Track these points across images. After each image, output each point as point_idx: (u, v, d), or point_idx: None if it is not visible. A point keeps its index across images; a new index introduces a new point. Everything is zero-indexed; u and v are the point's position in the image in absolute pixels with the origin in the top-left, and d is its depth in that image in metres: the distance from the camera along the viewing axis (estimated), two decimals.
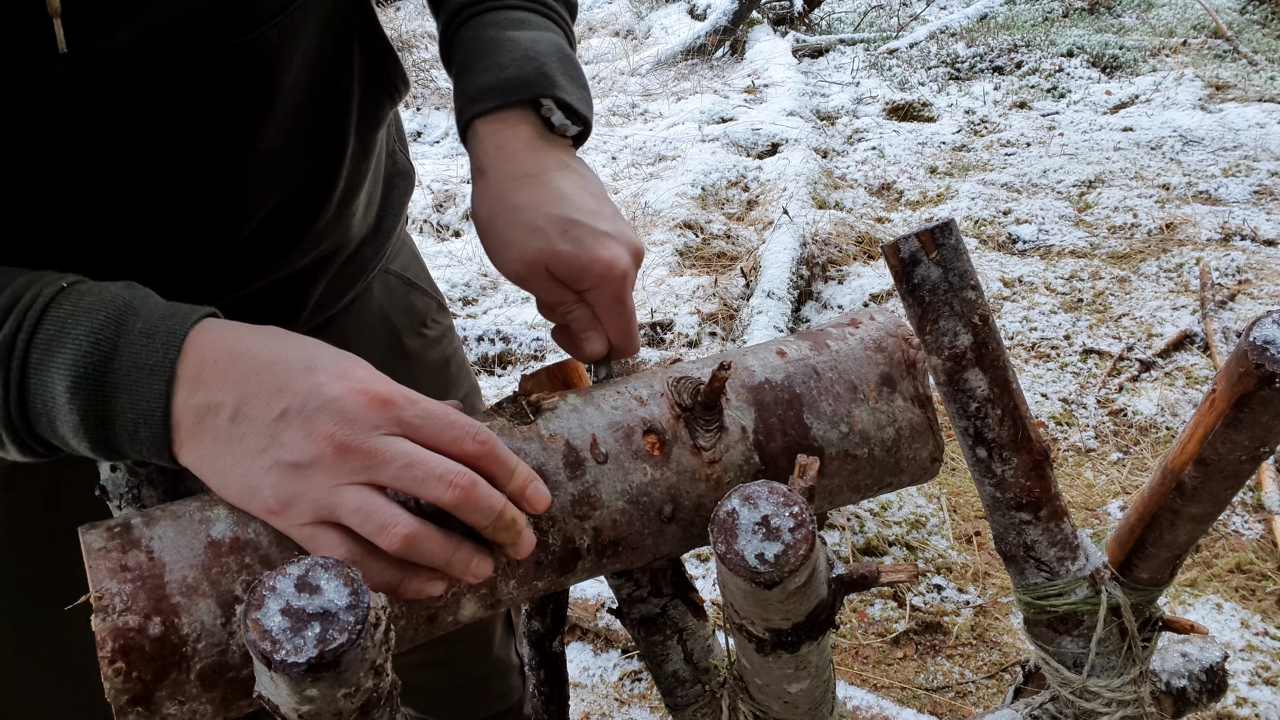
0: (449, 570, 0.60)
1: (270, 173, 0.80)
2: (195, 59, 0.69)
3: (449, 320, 1.18)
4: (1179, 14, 6.73)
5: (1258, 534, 2.36)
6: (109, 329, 0.59)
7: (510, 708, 1.35)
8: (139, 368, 0.58)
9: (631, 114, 5.81)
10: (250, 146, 0.77)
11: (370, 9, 0.86)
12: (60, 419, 0.59)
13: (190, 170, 0.74)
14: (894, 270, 0.86)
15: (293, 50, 0.76)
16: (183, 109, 0.70)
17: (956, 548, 2.39)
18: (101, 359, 0.58)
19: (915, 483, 0.80)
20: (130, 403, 0.58)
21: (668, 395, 0.72)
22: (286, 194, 0.83)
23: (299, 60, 0.77)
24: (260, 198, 0.80)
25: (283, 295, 0.89)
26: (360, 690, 0.51)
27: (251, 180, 0.79)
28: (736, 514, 0.60)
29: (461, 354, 1.20)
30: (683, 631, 0.81)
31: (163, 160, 0.72)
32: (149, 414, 0.58)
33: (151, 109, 0.69)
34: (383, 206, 1.00)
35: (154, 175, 0.72)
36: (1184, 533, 0.81)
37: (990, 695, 2.00)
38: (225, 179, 0.77)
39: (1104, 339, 3.19)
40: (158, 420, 0.58)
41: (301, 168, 0.83)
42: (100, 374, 0.58)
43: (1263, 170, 4.24)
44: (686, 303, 3.42)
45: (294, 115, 0.79)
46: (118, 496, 0.69)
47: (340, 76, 0.84)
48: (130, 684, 0.54)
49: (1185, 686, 0.90)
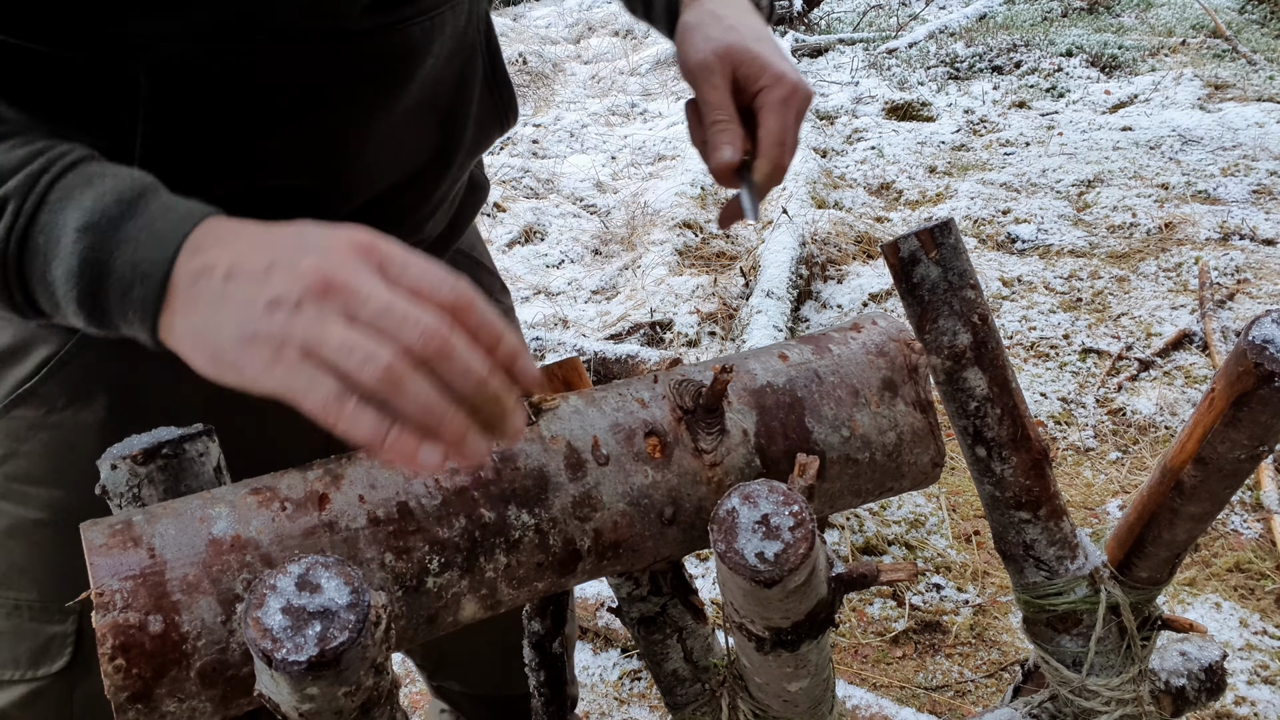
0: (439, 426, 0.55)
1: (379, 160, 0.86)
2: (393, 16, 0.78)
3: (509, 301, 1.23)
4: (1178, 13, 6.73)
5: (1257, 533, 2.37)
6: (133, 193, 0.62)
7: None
8: (151, 232, 0.60)
9: (631, 113, 5.81)
10: (369, 128, 0.83)
11: (495, 41, 0.96)
12: (58, 260, 0.60)
13: (322, 129, 0.81)
14: (893, 269, 0.86)
15: (428, 50, 0.83)
16: (341, 67, 0.78)
17: (956, 547, 2.39)
18: (118, 213, 0.60)
19: (916, 488, 0.80)
20: (132, 260, 0.60)
21: (669, 397, 0.72)
22: (386, 187, 0.88)
23: (431, 61, 0.84)
24: (365, 182, 0.86)
25: None
26: (361, 689, 0.51)
27: (360, 164, 0.85)
28: (736, 513, 0.60)
29: (520, 335, 1.26)
30: (682, 630, 0.81)
31: (309, 112, 0.79)
32: (148, 275, 0.59)
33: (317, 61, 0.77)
34: (456, 215, 1.06)
35: (295, 125, 0.79)
36: (1183, 531, 0.81)
37: (989, 694, 2.00)
38: (340, 152, 0.83)
39: (1103, 338, 3.19)
40: (155, 282, 0.59)
41: (407, 165, 0.89)
42: (113, 224, 0.60)
43: (1261, 170, 4.24)
44: (686, 302, 3.42)
45: (415, 110, 0.85)
46: (118, 495, 0.69)
47: (461, 89, 0.91)
48: (130, 681, 0.54)
49: (1184, 685, 0.91)
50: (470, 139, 0.94)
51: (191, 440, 0.68)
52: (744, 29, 0.87)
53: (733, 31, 0.86)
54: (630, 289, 3.66)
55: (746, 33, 0.86)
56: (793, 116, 0.85)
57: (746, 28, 0.87)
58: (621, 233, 4.14)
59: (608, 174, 4.77)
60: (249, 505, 0.60)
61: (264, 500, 0.60)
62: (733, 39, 0.85)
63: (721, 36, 0.86)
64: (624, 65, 6.77)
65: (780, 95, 0.84)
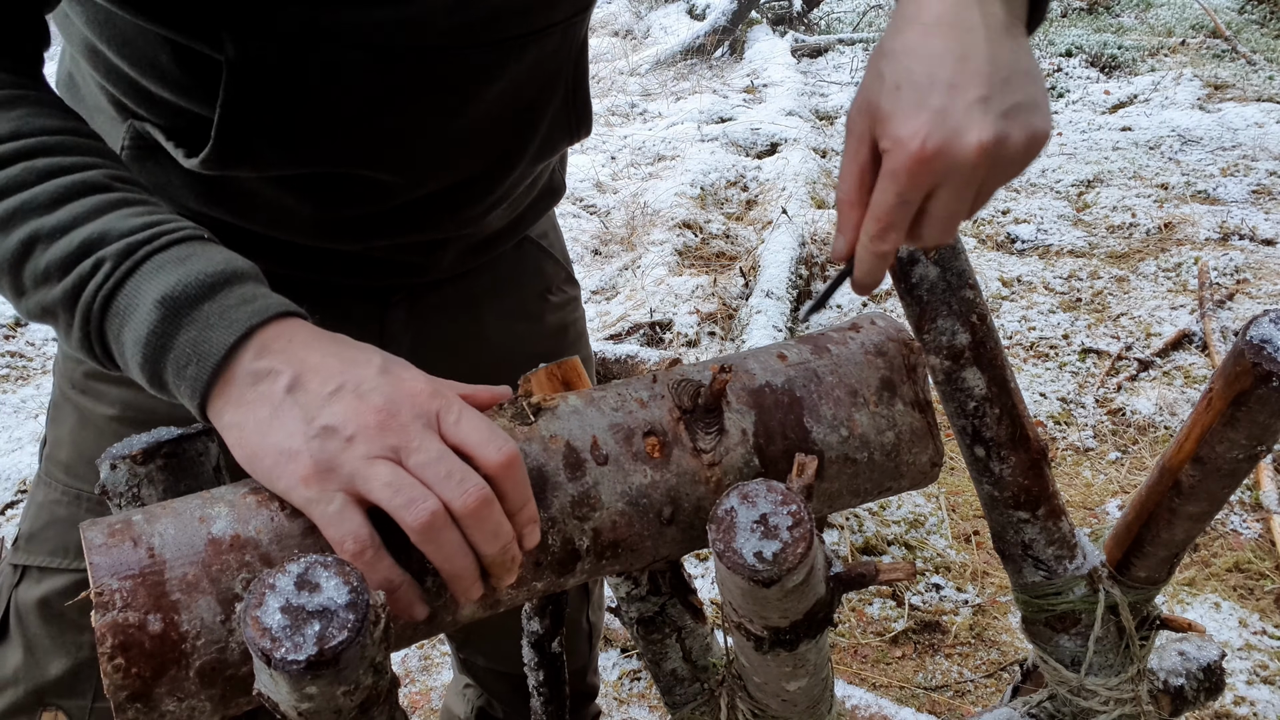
0: (455, 576, 0.60)
1: (452, 157, 0.89)
2: (477, 40, 0.81)
3: (575, 291, 1.24)
4: (1177, 14, 6.73)
5: (1256, 533, 2.37)
6: (220, 276, 0.64)
7: (576, 671, 1.36)
8: (222, 316, 0.63)
9: (631, 114, 5.81)
10: (451, 129, 0.86)
11: (584, 65, 0.95)
12: (131, 326, 0.64)
13: (403, 132, 0.84)
14: (892, 269, 0.86)
15: (502, 72, 0.85)
16: (415, 79, 0.81)
17: (955, 547, 2.39)
18: (197, 293, 0.63)
19: (914, 487, 0.80)
20: (194, 340, 0.62)
21: (668, 397, 0.72)
22: (454, 180, 0.91)
23: (505, 82, 0.86)
24: (434, 174, 0.89)
25: (408, 256, 0.98)
26: (360, 688, 0.51)
27: (437, 158, 0.88)
28: (735, 512, 0.60)
29: (582, 325, 1.27)
30: (681, 630, 0.81)
31: (395, 114, 0.83)
32: (205, 356, 0.62)
33: (422, 72, 0.81)
34: (525, 211, 1.08)
35: (381, 124, 0.83)
36: (1181, 531, 0.81)
37: (989, 694, 2.00)
38: (420, 150, 0.86)
39: (1102, 338, 3.20)
40: (209, 366, 0.62)
41: (474, 164, 0.92)
42: (190, 303, 0.63)
43: (1261, 170, 4.24)
44: (686, 302, 3.42)
45: (488, 117, 0.87)
46: (118, 495, 0.69)
47: (535, 107, 0.92)
48: (129, 680, 0.54)
49: (1183, 685, 0.91)
50: (536, 148, 0.95)
51: (191, 440, 0.68)
52: (902, 65, 0.67)
53: (879, 79, 0.68)
54: (630, 289, 3.66)
55: (899, 72, 0.67)
56: (907, 189, 0.66)
57: (904, 59, 0.67)
58: (621, 233, 4.14)
59: (607, 174, 4.78)
60: (248, 505, 0.60)
61: (263, 500, 0.61)
62: (871, 90, 0.68)
63: (870, 83, 0.69)
64: (624, 65, 6.77)
65: (891, 166, 0.67)
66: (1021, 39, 0.69)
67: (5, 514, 2.57)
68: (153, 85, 0.80)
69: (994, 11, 0.68)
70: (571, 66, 0.94)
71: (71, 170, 0.68)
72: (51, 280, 0.65)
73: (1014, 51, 0.67)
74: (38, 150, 0.68)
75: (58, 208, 0.66)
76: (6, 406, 3.01)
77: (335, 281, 0.99)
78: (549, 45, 0.88)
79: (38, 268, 0.66)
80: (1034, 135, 0.67)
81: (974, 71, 0.66)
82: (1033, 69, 0.68)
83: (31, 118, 0.69)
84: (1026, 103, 0.67)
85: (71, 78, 0.93)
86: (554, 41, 0.88)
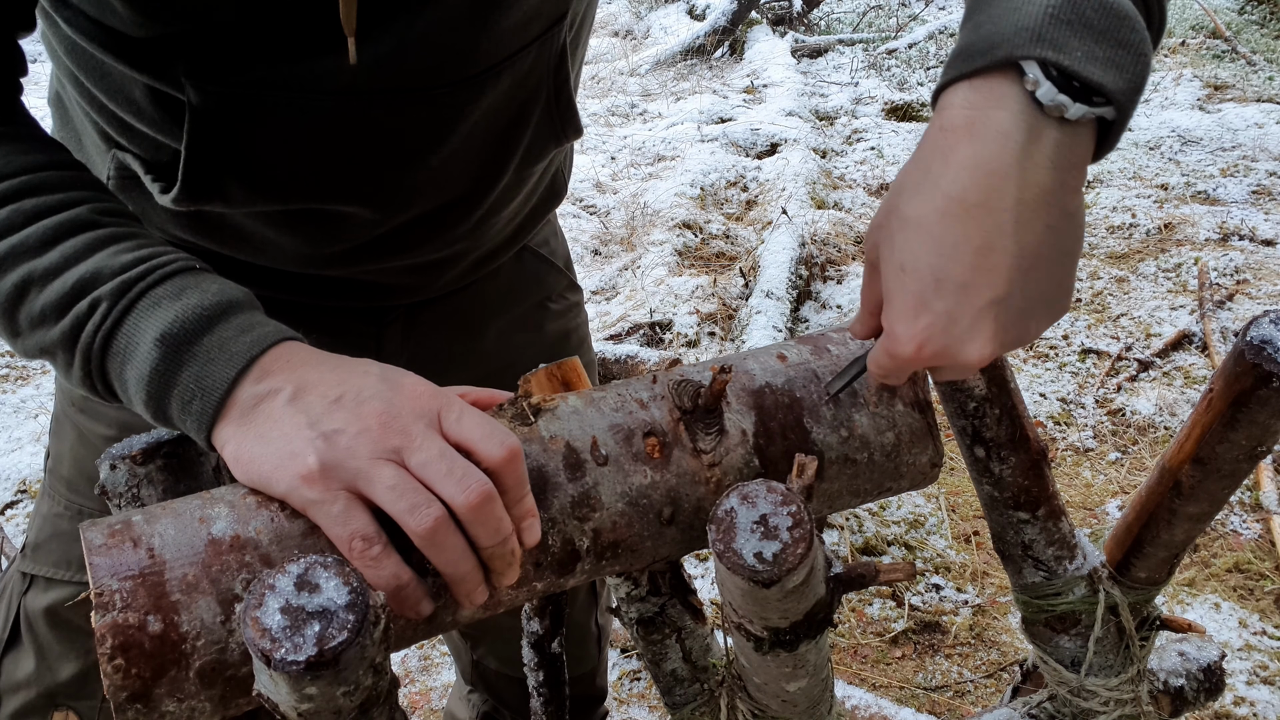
0: (459, 579, 0.60)
1: (428, 187, 0.88)
2: (430, 85, 0.79)
3: (577, 297, 1.24)
4: (1177, 14, 6.73)
5: (1256, 533, 2.37)
6: (217, 308, 0.65)
7: (585, 674, 1.36)
8: (221, 349, 0.63)
9: (631, 114, 5.81)
10: (423, 163, 0.85)
11: (565, 70, 0.90)
12: (132, 365, 0.64)
13: (372, 169, 0.84)
14: None
15: (479, 102, 0.83)
16: (393, 120, 0.80)
17: (955, 547, 2.39)
18: (195, 328, 0.64)
19: (914, 488, 0.80)
20: (197, 376, 0.63)
21: (668, 398, 0.72)
22: (436, 205, 0.91)
23: (485, 105, 0.84)
24: (412, 203, 0.89)
25: (400, 278, 0.98)
26: (360, 688, 0.51)
27: (412, 189, 0.87)
28: (735, 513, 0.60)
29: (584, 330, 1.26)
30: (681, 630, 0.81)
31: (360, 153, 0.82)
32: (209, 391, 0.62)
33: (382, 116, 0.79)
34: (526, 219, 1.07)
35: (348, 163, 0.83)
36: (1181, 532, 0.81)
37: (988, 694, 2.00)
38: (392, 184, 0.86)
39: (1102, 339, 3.20)
40: (214, 401, 0.62)
41: (456, 188, 0.91)
42: (188, 338, 0.63)
43: (1261, 170, 4.24)
44: (685, 302, 3.42)
45: (464, 145, 0.86)
46: (118, 495, 0.69)
47: (517, 124, 0.90)
48: (129, 681, 0.54)
49: (1183, 685, 0.91)
50: (520, 159, 0.94)
51: (191, 441, 0.68)
52: (913, 245, 0.60)
53: (890, 241, 0.62)
54: (630, 289, 3.66)
55: (907, 253, 0.60)
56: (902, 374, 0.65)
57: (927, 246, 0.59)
58: (621, 233, 4.14)
59: (607, 174, 4.78)
60: (248, 505, 0.60)
61: (263, 500, 0.61)
62: (881, 235, 0.63)
63: (881, 222, 0.64)
64: (624, 65, 6.77)
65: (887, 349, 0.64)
66: (1070, 198, 0.59)
67: (5, 514, 2.57)
68: (129, 118, 0.80)
69: (1036, 181, 0.57)
70: (551, 75, 0.90)
71: (59, 209, 0.68)
72: (48, 322, 0.66)
73: (1049, 230, 0.58)
74: (24, 190, 0.68)
75: (49, 249, 0.66)
76: (6, 406, 3.01)
77: (329, 304, 0.98)
78: (523, 64, 0.85)
79: (33, 311, 0.66)
80: (1049, 323, 0.62)
81: (993, 267, 0.58)
82: (1067, 245, 0.60)
83: (13, 155, 0.69)
84: (1050, 292, 0.60)
85: (60, 99, 0.93)
86: (529, 60, 0.85)
